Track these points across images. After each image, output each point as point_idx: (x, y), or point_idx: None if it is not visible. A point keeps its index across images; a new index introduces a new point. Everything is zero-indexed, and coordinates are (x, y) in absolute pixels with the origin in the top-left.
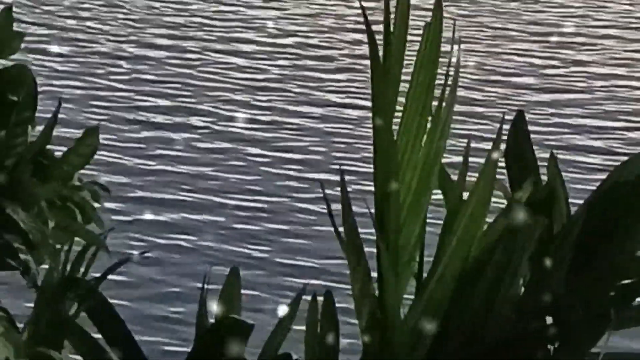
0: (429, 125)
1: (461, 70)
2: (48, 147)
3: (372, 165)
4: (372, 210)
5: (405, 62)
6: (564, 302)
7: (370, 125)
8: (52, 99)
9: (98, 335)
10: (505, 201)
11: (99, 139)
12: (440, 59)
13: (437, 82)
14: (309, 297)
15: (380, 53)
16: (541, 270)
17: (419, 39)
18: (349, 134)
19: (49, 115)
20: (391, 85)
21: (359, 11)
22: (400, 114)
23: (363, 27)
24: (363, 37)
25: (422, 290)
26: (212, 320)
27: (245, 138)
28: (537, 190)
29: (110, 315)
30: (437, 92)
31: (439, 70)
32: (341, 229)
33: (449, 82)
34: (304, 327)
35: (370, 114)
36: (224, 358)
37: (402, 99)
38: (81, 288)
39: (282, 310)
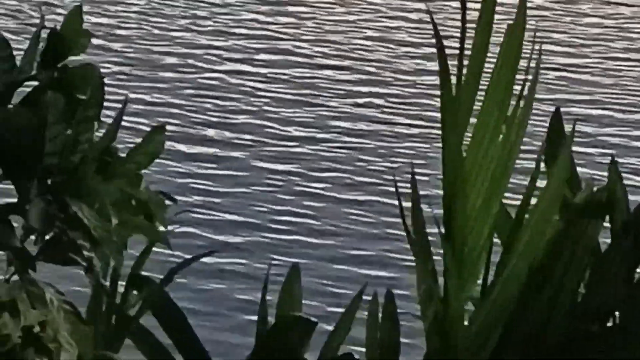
0: (504, 127)
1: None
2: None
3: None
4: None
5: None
6: (623, 306)
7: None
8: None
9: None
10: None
11: (165, 137)
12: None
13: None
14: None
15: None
16: (601, 273)
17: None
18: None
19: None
20: (464, 98)
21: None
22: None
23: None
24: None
25: (488, 293)
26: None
27: None
28: (593, 193)
29: (176, 316)
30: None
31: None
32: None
33: (528, 82)
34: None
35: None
36: (286, 356)
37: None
38: (146, 287)
39: None
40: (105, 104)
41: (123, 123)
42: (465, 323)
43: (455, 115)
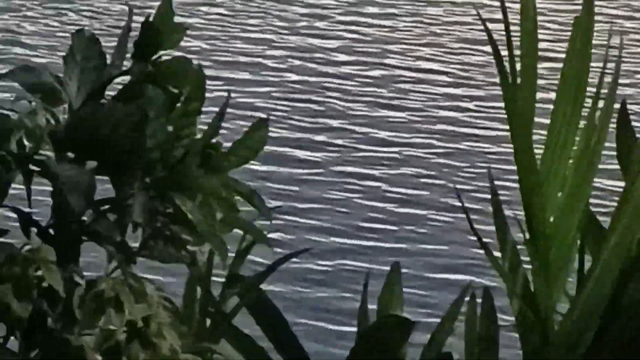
0: (581, 128)
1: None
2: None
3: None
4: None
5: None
6: None
7: None
8: None
9: None
10: None
11: (268, 131)
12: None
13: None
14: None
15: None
16: None
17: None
18: None
19: None
20: (525, 94)
21: None
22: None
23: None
24: None
25: (581, 289)
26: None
27: None
28: None
29: (273, 314)
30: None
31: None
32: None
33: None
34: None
35: None
36: (385, 355)
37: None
38: (243, 285)
39: None
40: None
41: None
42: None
43: (517, 105)
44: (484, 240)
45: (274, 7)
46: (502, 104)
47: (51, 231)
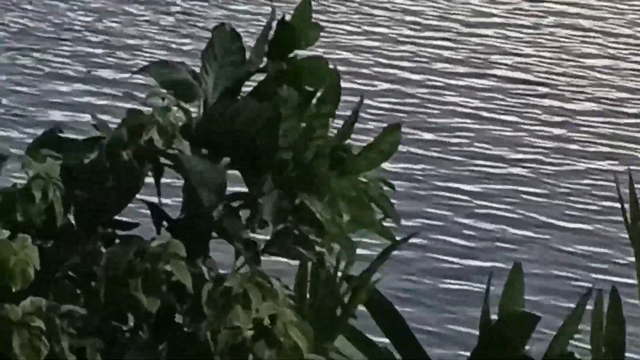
0: None
1: None
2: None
3: None
4: None
5: None
6: None
7: None
8: None
9: None
10: None
11: (400, 136)
12: None
13: None
14: None
15: None
16: None
17: None
18: None
19: None
20: None
21: None
22: None
23: None
24: None
25: None
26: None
27: None
28: None
29: (391, 314)
30: None
31: None
32: None
33: None
34: None
35: None
36: (509, 350)
37: None
38: (360, 284)
39: None
40: None
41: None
42: None
43: None
44: None
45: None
46: None
47: (180, 226)
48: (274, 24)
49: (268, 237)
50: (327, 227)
